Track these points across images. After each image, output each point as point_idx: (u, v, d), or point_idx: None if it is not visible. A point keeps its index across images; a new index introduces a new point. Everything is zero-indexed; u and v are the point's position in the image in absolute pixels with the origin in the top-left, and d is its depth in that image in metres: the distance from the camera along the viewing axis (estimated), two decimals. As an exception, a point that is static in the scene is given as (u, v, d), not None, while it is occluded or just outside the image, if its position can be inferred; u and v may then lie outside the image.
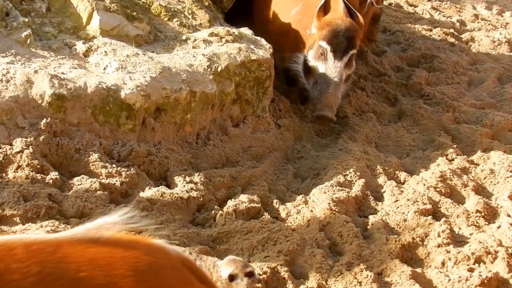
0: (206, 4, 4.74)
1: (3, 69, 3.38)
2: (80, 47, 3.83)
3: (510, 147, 4.51)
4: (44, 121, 3.34)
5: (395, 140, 4.55)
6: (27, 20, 3.78)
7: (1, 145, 3.22)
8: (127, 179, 3.37)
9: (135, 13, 4.17)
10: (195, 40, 4.23)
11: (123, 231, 1.37)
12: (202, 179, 3.54)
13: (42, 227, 2.86)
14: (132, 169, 3.44)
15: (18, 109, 3.32)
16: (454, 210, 3.66)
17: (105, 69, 3.71)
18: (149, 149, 3.62)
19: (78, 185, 3.22)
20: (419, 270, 3.12)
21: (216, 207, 3.42)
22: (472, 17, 7.28)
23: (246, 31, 4.56)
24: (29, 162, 3.19)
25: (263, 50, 4.38)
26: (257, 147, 4.15)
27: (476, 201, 3.73)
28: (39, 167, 3.22)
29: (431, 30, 6.68)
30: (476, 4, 7.74)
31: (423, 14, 7.25)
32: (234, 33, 4.39)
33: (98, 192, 3.18)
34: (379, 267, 3.09)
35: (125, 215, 1.35)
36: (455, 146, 4.46)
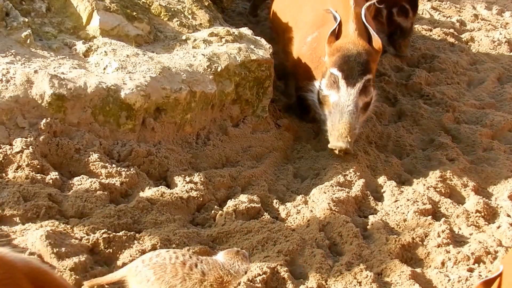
0: (206, 4, 4.75)
1: (3, 69, 3.39)
2: (80, 47, 3.83)
3: (510, 147, 4.52)
4: (44, 121, 3.35)
5: (395, 140, 4.55)
6: (27, 20, 3.78)
7: (1, 145, 3.22)
8: (127, 179, 3.37)
9: (135, 13, 4.17)
10: (195, 40, 4.23)
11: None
12: (202, 179, 3.54)
13: (42, 227, 2.86)
14: (132, 169, 3.44)
15: (18, 109, 3.32)
16: (454, 210, 3.66)
17: (105, 69, 3.71)
18: (149, 149, 3.62)
19: (78, 185, 3.22)
20: (419, 270, 3.12)
21: (216, 207, 3.42)
22: (472, 17, 7.28)
23: (246, 31, 4.56)
24: (29, 162, 3.19)
25: (263, 50, 4.38)
26: (257, 147, 4.15)
27: (476, 201, 3.74)
28: (39, 167, 3.22)
29: (431, 30, 6.68)
30: (476, 4, 7.74)
31: (423, 14, 7.25)
32: (234, 33, 4.39)
33: (98, 192, 3.18)
34: (379, 267, 3.09)
35: None
36: (455, 146, 4.47)
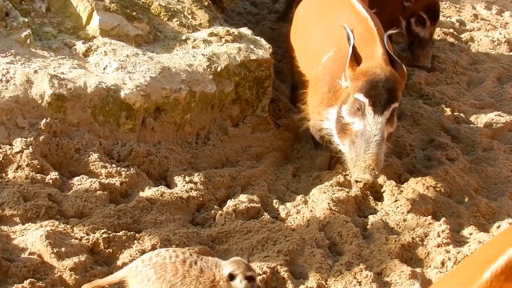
0: (205, 4, 4.75)
1: (3, 69, 3.39)
2: (80, 47, 3.83)
3: (509, 147, 4.52)
4: (44, 121, 3.35)
5: (395, 140, 4.55)
6: (27, 20, 3.78)
7: (1, 145, 3.22)
8: (127, 179, 3.37)
9: (134, 13, 4.17)
10: (195, 40, 4.23)
11: None
12: (201, 179, 3.54)
13: (42, 227, 2.87)
14: (131, 169, 3.44)
15: (18, 109, 3.32)
16: (454, 210, 3.66)
17: (104, 69, 3.71)
18: (149, 149, 3.63)
19: (78, 185, 3.22)
20: (418, 270, 3.12)
21: (215, 207, 3.42)
22: (471, 17, 7.28)
23: (245, 31, 4.57)
24: (29, 162, 3.19)
25: (263, 50, 4.38)
26: (257, 147, 4.15)
27: (476, 201, 3.74)
28: (39, 167, 3.22)
29: (430, 30, 6.67)
30: (475, 4, 7.74)
31: (422, 14, 7.23)
32: (233, 33, 4.39)
33: (98, 192, 3.18)
34: (379, 267, 3.09)
35: None
36: (455, 146, 4.47)
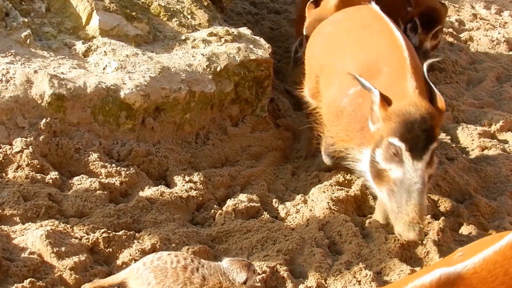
0: (205, 4, 4.75)
1: (3, 69, 3.39)
2: (79, 47, 3.83)
3: (509, 146, 4.52)
4: (43, 121, 3.35)
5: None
6: (26, 20, 3.78)
7: (1, 145, 3.22)
8: (127, 179, 3.38)
9: (134, 13, 4.17)
10: (194, 40, 4.24)
11: None
12: (201, 179, 3.55)
13: (42, 226, 2.87)
14: (131, 169, 3.44)
15: (18, 109, 3.33)
16: (454, 209, 3.67)
17: (104, 69, 3.72)
18: (149, 149, 3.63)
19: (77, 184, 3.23)
20: (418, 269, 3.12)
21: (215, 207, 3.42)
22: (470, 16, 7.28)
23: (245, 31, 4.57)
24: (29, 162, 3.19)
25: (262, 49, 4.38)
26: (256, 147, 4.15)
27: (475, 200, 3.74)
28: (39, 166, 3.23)
29: (430, 29, 6.67)
30: (474, 3, 7.74)
31: (422, 13, 7.24)
32: (233, 33, 4.39)
33: (97, 191, 3.19)
34: (378, 266, 3.10)
35: None
36: (454, 145, 4.47)
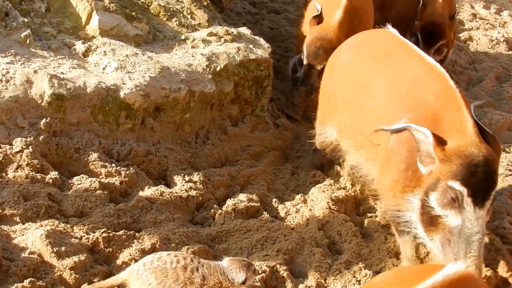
0: (205, 4, 4.75)
1: (3, 69, 3.39)
2: (79, 47, 3.84)
3: (508, 146, 4.52)
4: (43, 120, 3.35)
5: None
6: (26, 20, 3.79)
7: (1, 145, 3.22)
8: (127, 179, 3.38)
9: (134, 13, 4.18)
10: (194, 39, 4.24)
11: None
12: (201, 178, 3.55)
13: (42, 226, 2.87)
14: (131, 169, 3.45)
15: (17, 109, 3.33)
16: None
17: (104, 69, 3.72)
18: (148, 149, 3.63)
19: (77, 184, 3.23)
20: (417, 268, 3.13)
21: (215, 206, 3.43)
22: (470, 16, 7.28)
23: (244, 30, 4.57)
24: (29, 161, 3.20)
25: (262, 49, 4.39)
26: (256, 146, 4.16)
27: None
28: (38, 166, 3.23)
29: (429, 29, 6.67)
30: (474, 3, 7.74)
31: (421, 13, 7.24)
32: (232, 32, 4.39)
33: (97, 191, 3.19)
34: (378, 266, 3.10)
35: None
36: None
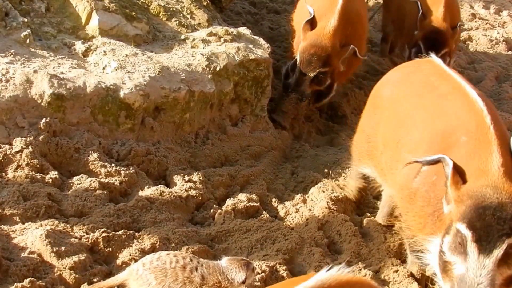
0: (204, 3, 4.75)
1: (3, 69, 3.39)
2: (79, 47, 3.84)
3: (507, 146, 4.52)
4: (43, 120, 3.36)
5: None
6: (26, 20, 3.79)
7: (1, 145, 3.23)
8: (126, 178, 3.38)
9: (134, 13, 4.18)
10: (194, 39, 4.24)
11: None
12: (201, 178, 3.55)
13: (41, 226, 2.87)
14: (131, 168, 3.45)
15: (17, 108, 3.33)
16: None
17: (104, 69, 3.72)
18: (148, 149, 3.63)
19: (77, 184, 3.23)
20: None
21: (215, 206, 3.43)
22: (469, 16, 7.29)
23: (244, 30, 4.57)
24: (29, 161, 3.20)
25: (262, 49, 4.39)
26: (256, 146, 4.16)
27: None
28: (38, 166, 3.23)
29: (429, 29, 6.68)
30: (473, 3, 7.74)
31: (421, 13, 7.24)
32: (232, 32, 4.40)
33: (97, 191, 3.19)
34: (377, 265, 3.11)
35: None
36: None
